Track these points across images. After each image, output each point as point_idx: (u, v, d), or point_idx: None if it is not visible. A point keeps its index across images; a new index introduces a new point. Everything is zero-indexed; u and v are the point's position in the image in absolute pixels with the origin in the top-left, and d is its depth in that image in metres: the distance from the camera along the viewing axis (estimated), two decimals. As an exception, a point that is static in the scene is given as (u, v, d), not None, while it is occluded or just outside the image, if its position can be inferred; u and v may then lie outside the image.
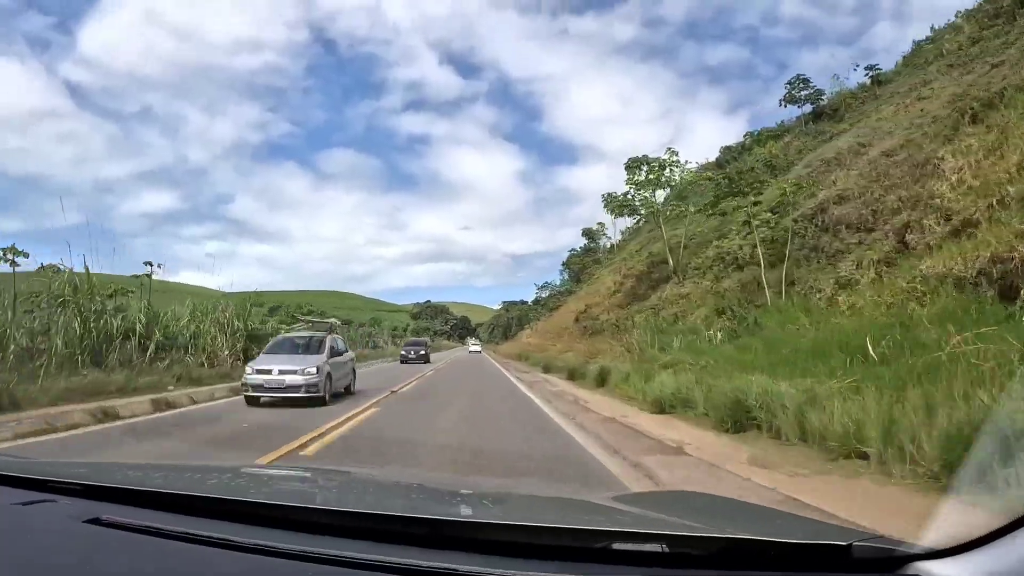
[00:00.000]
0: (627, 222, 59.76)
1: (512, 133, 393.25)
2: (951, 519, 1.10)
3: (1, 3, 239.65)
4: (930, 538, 0.98)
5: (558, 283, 67.12)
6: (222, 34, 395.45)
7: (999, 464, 1.72)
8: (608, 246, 58.92)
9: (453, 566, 0.97)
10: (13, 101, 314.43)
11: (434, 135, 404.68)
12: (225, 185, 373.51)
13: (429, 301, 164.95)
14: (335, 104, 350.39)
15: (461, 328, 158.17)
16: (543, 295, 73.60)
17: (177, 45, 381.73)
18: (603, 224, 61.83)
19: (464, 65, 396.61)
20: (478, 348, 63.32)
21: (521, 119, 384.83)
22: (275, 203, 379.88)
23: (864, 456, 4.60)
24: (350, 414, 9.03)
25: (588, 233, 64.68)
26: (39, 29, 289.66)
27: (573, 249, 65.76)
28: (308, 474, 2.29)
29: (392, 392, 13.25)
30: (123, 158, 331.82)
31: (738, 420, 6.51)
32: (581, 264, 58.05)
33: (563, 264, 64.91)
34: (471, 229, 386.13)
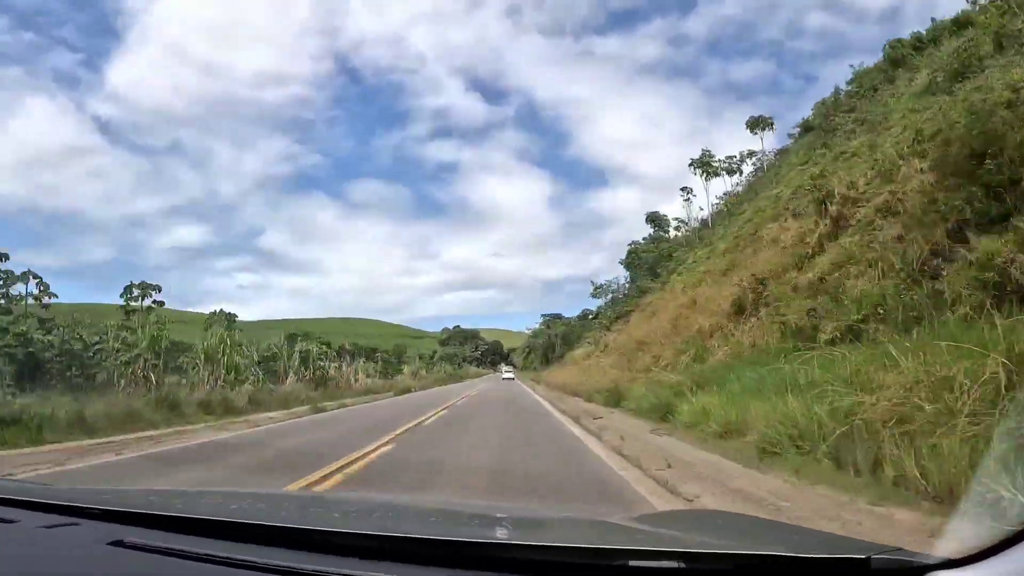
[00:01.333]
0: (724, 184, 43.70)
1: (540, 158, 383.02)
2: (965, 529, 1.15)
3: (29, 39, 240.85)
4: (945, 548, 0.98)
5: (622, 281, 50.33)
6: (247, 69, 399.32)
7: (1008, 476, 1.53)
8: (695, 223, 42.37)
9: None
10: (44, 138, 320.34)
11: (462, 162, 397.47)
12: (255, 218, 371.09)
13: (459, 326, 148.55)
14: (362, 134, 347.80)
15: (493, 353, 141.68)
16: (598, 303, 56.83)
17: (203, 80, 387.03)
18: (689, 190, 45.42)
19: (490, 91, 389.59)
20: (511, 375, 60.12)
21: (549, 144, 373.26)
22: (305, 235, 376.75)
23: None
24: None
25: (654, 219, 48.76)
26: (68, 66, 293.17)
27: (635, 241, 49.49)
28: (330, 498, 2.53)
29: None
30: (153, 193, 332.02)
31: None
32: (656, 253, 41.54)
33: (625, 258, 48.34)
34: (501, 256, 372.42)
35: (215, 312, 21.39)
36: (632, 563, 0.99)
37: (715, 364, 11.66)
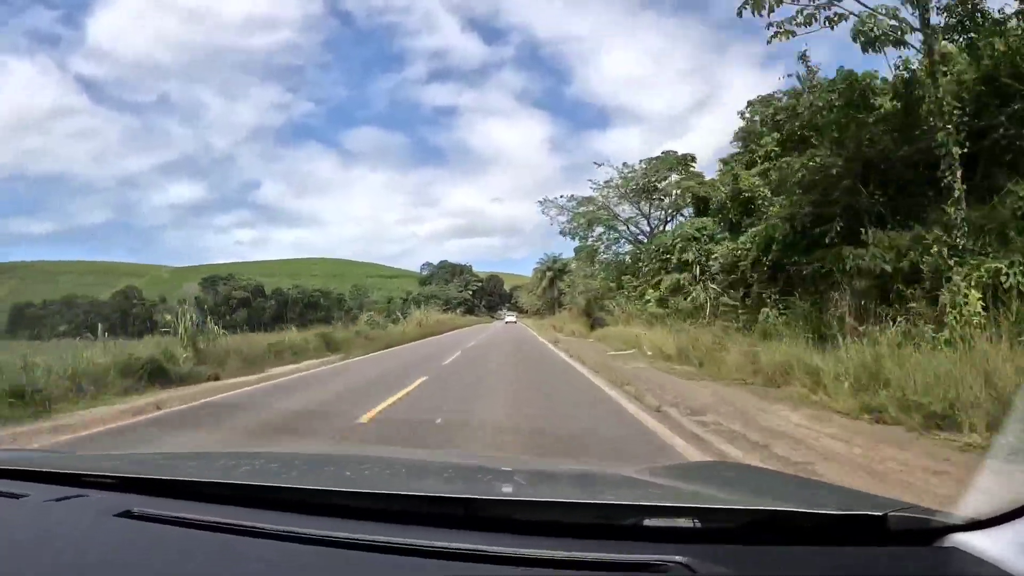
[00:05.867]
0: None
1: (541, 99, 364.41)
2: (988, 489, 1.04)
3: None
4: (967, 508, 0.93)
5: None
6: (234, 13, 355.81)
7: None
8: None
9: (483, 547, 0.94)
10: (27, 100, 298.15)
11: (461, 106, 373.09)
12: (251, 171, 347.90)
13: (445, 261, 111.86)
14: (357, 80, 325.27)
15: (489, 294, 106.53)
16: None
17: (188, 28, 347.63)
18: None
19: (488, 29, 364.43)
20: (514, 319, 57.58)
21: (550, 84, 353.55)
22: (302, 187, 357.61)
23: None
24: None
25: None
26: (46, 23, 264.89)
27: None
28: (341, 458, 2.30)
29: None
30: (145, 151, 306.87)
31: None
32: None
33: None
34: (503, 201, 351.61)
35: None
36: (647, 522, 0.98)
37: None
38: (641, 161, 25.89)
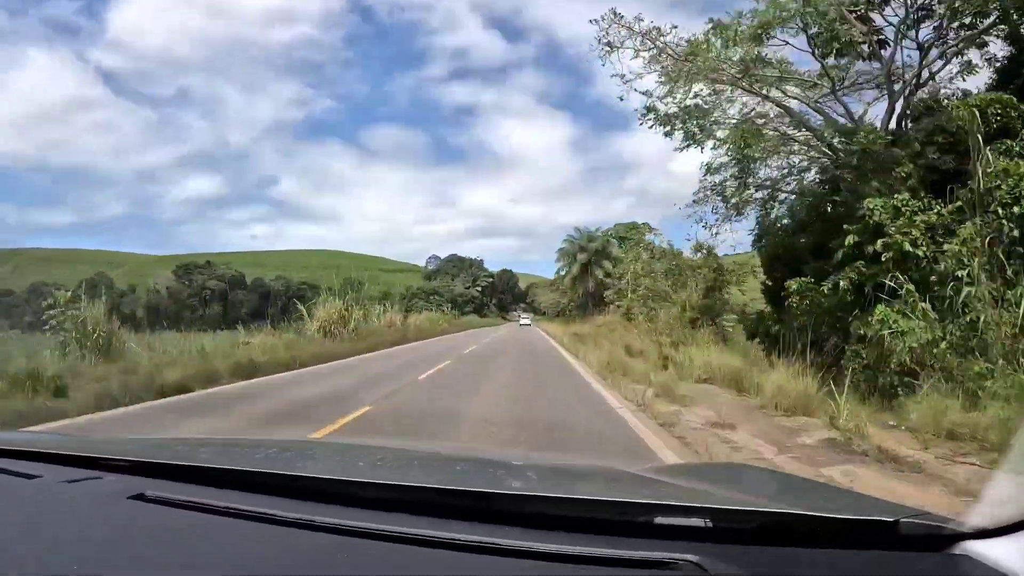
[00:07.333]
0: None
1: (561, 100, 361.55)
2: (1001, 498, 1.03)
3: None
4: (979, 516, 0.94)
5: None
6: (254, 6, 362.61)
7: None
8: None
9: (496, 540, 0.94)
10: (46, 92, 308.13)
11: (481, 105, 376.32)
12: (268, 167, 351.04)
13: (454, 255, 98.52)
14: (377, 77, 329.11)
15: (501, 292, 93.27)
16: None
17: (208, 22, 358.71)
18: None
19: (510, 28, 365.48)
20: (528, 322, 54.71)
21: (571, 85, 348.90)
22: (320, 183, 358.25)
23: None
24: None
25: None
26: (66, 14, 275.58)
27: None
28: (355, 448, 2.34)
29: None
30: (163, 144, 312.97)
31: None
32: None
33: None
34: (521, 203, 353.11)
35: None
36: (658, 520, 0.97)
37: None
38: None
